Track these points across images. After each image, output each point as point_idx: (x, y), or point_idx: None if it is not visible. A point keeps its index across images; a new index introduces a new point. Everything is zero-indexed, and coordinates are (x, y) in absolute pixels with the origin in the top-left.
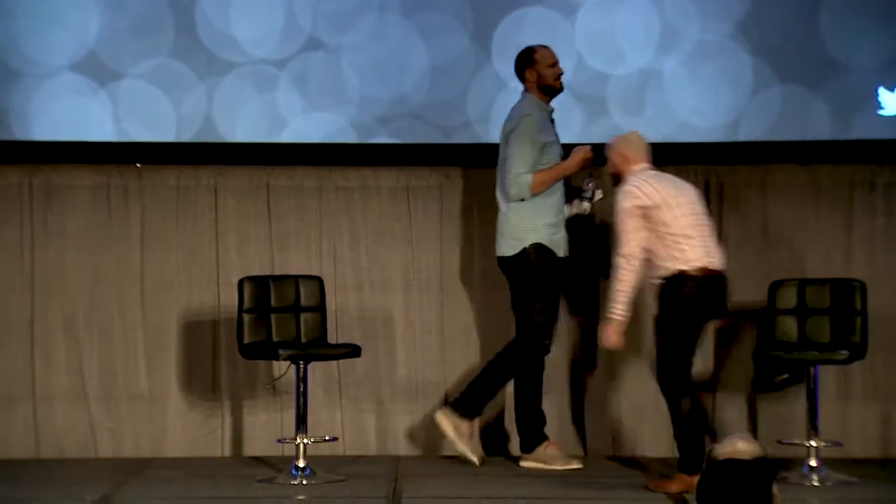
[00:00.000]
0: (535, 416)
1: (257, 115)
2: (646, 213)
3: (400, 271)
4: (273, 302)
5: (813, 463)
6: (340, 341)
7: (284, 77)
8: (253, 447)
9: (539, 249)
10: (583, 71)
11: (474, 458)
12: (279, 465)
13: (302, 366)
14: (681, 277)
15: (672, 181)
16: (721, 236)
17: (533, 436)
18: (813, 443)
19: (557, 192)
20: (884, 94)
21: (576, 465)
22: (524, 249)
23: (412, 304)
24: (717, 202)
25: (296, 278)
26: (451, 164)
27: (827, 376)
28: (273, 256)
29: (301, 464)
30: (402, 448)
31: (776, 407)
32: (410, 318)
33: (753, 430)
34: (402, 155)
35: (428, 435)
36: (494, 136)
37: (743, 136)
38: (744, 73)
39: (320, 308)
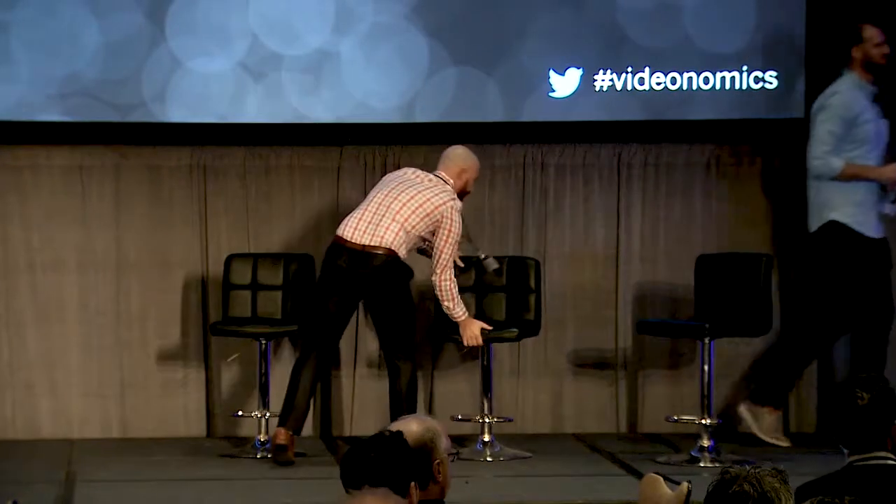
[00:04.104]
0: (784, 381)
1: None
2: None
3: (73, 252)
4: None
5: (486, 438)
6: (12, 323)
7: None
8: None
9: (837, 228)
10: (258, 51)
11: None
12: None
13: None
14: None
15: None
16: None
17: (768, 394)
18: (486, 418)
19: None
20: (554, 78)
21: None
22: (821, 227)
23: (87, 286)
24: None
25: None
26: (126, 143)
27: (502, 353)
28: None
29: None
30: (77, 431)
31: (453, 384)
32: (85, 301)
33: (430, 407)
34: (74, 133)
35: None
36: (171, 115)
37: (419, 116)
38: (419, 54)
39: None
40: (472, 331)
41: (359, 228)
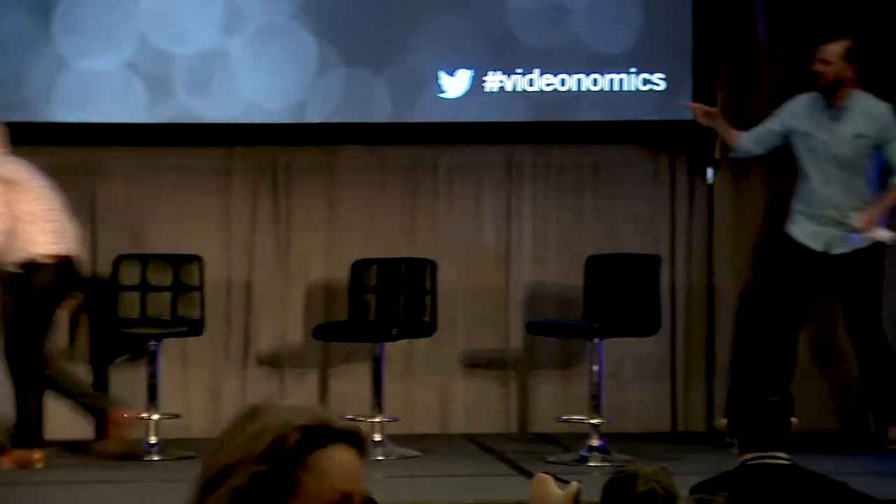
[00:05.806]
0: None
1: None
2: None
3: None
4: None
5: (377, 438)
6: None
7: None
8: None
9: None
10: (146, 50)
11: None
12: None
13: None
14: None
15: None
16: (289, 218)
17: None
18: (377, 418)
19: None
20: (444, 78)
21: None
22: None
23: None
24: (284, 183)
25: None
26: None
27: (393, 353)
28: None
29: None
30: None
31: (343, 384)
32: None
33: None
34: None
35: None
36: (56, 114)
37: (309, 117)
38: (309, 54)
39: None
40: None
41: (76, 241)
